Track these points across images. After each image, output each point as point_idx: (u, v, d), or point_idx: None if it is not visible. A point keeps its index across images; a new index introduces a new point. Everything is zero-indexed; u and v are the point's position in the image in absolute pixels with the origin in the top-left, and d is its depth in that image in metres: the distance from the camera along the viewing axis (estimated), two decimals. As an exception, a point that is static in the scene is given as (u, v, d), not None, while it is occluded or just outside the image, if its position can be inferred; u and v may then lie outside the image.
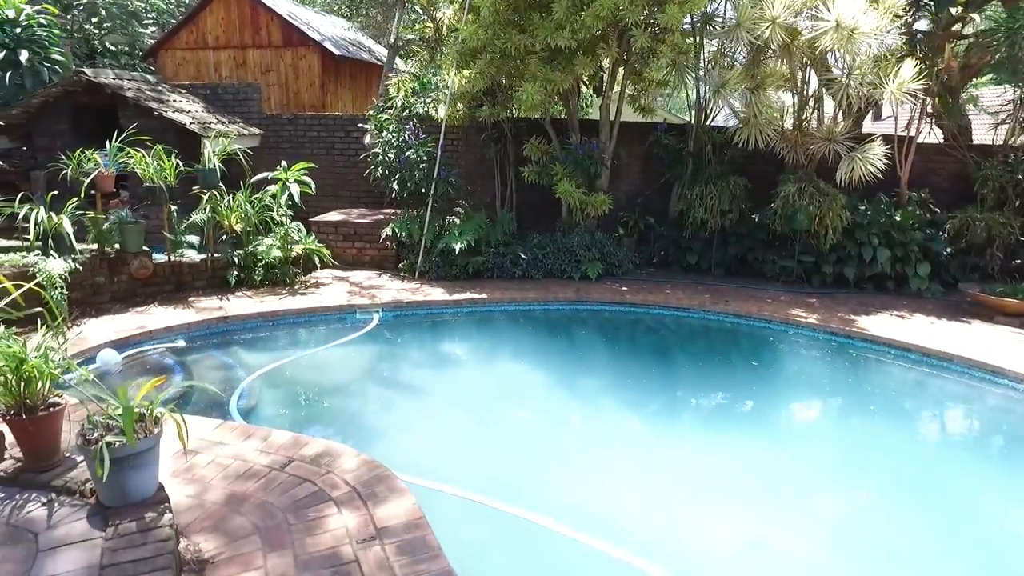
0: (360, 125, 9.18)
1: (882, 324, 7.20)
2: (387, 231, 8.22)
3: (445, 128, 7.98)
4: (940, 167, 9.30)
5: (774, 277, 8.85)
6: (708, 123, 8.90)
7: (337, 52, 12.48)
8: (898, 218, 8.57)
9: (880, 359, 6.65)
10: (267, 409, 5.24)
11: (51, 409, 3.19)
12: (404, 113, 8.30)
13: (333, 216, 9.04)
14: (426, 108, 8.30)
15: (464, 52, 7.62)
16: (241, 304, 7.02)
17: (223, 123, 9.02)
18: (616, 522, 3.88)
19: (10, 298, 3.49)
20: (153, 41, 14.06)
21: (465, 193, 8.60)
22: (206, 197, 7.26)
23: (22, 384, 3.10)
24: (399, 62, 12.69)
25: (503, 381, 6.21)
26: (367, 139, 9.43)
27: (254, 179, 7.52)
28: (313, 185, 7.65)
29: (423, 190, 8.21)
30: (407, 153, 8.01)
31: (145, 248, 7.06)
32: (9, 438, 3.29)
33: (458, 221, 8.41)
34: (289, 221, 7.81)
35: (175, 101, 8.88)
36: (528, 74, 7.52)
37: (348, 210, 9.53)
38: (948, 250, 8.59)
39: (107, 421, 2.98)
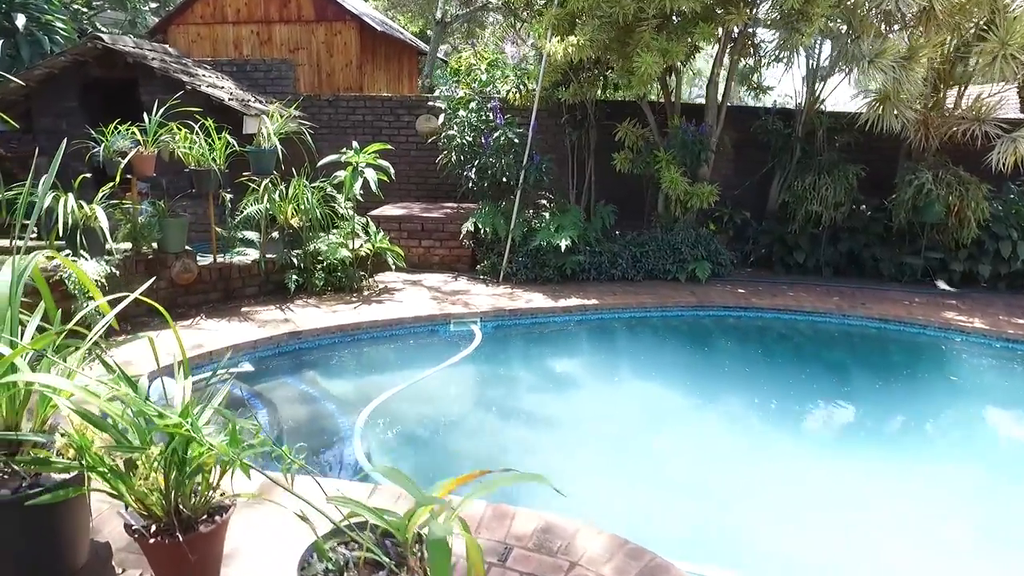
0: (432, 103, 7.85)
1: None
2: (468, 226, 6.95)
3: (533, 109, 6.77)
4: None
5: (892, 276, 7.87)
6: (819, 105, 7.91)
7: (378, 28, 11.09)
8: (1015, 206, 7.70)
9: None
10: (393, 458, 3.96)
11: (217, 518, 1.91)
12: (487, 89, 7.09)
13: (393, 210, 7.74)
14: (514, 85, 7.09)
15: (562, 17, 6.46)
16: (309, 315, 5.70)
17: (260, 102, 7.66)
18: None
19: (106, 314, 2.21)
20: (157, 19, 12.46)
21: (553, 184, 7.40)
22: (262, 185, 5.93)
23: (183, 480, 1.83)
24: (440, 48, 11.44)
25: (655, 405, 4.98)
26: (427, 123, 8.18)
27: (322, 162, 6.21)
28: (393, 171, 6.37)
29: (505, 179, 7.01)
30: (496, 135, 6.79)
31: (188, 247, 5.70)
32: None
33: (547, 215, 7.21)
34: (354, 215, 6.52)
35: (204, 76, 7.49)
36: (642, 43, 6.40)
37: (407, 204, 8.23)
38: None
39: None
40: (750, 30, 6.68)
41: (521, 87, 7.16)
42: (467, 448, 4.15)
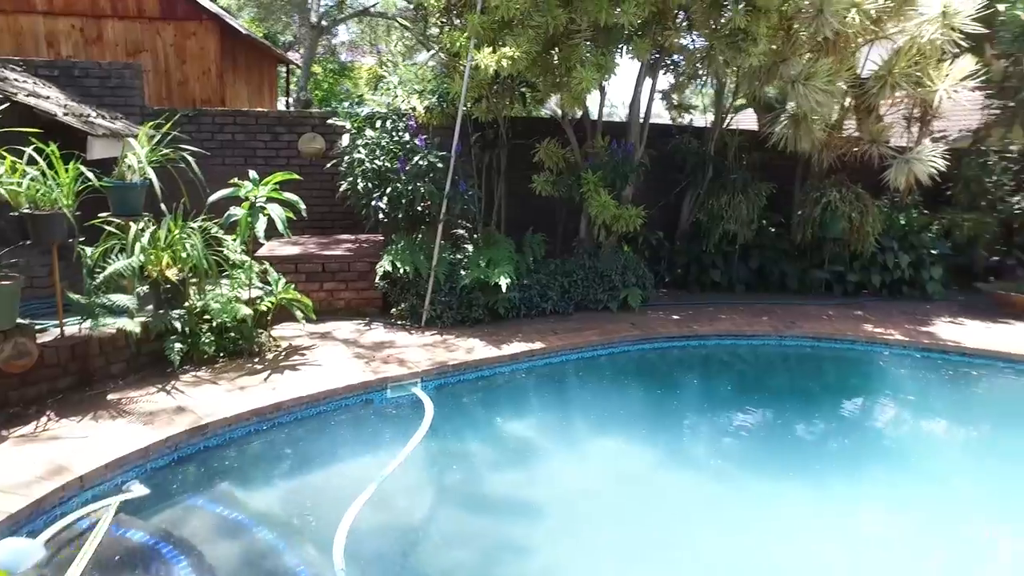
0: (333, 122, 6.59)
1: (957, 333, 6.70)
2: (384, 265, 5.92)
3: (456, 128, 5.92)
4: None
5: (798, 290, 8.09)
6: (728, 125, 7.89)
7: (242, 31, 9.31)
8: (903, 222, 8.29)
9: (999, 374, 6.09)
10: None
11: None
12: (401, 105, 6.09)
13: (284, 248, 6.44)
14: (433, 101, 6.15)
15: (488, 26, 5.70)
16: (209, 397, 4.40)
17: (104, 117, 5.96)
18: None
19: None
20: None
21: (477, 212, 6.56)
22: (131, 231, 4.50)
23: None
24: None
25: (650, 463, 4.41)
26: (312, 144, 6.99)
27: (212, 198, 4.88)
28: (303, 207, 5.18)
29: (421, 208, 6.09)
30: (415, 159, 5.84)
31: (21, 322, 4.16)
32: None
33: (470, 248, 6.40)
34: (252, 262, 5.25)
35: (17, 80, 5.64)
36: (576, 57, 5.83)
37: (296, 239, 6.91)
38: (947, 251, 8.49)
39: None
40: (679, 43, 6.37)
41: (443, 104, 6.27)
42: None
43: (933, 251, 8.14)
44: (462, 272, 6.09)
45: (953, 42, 6.45)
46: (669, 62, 6.82)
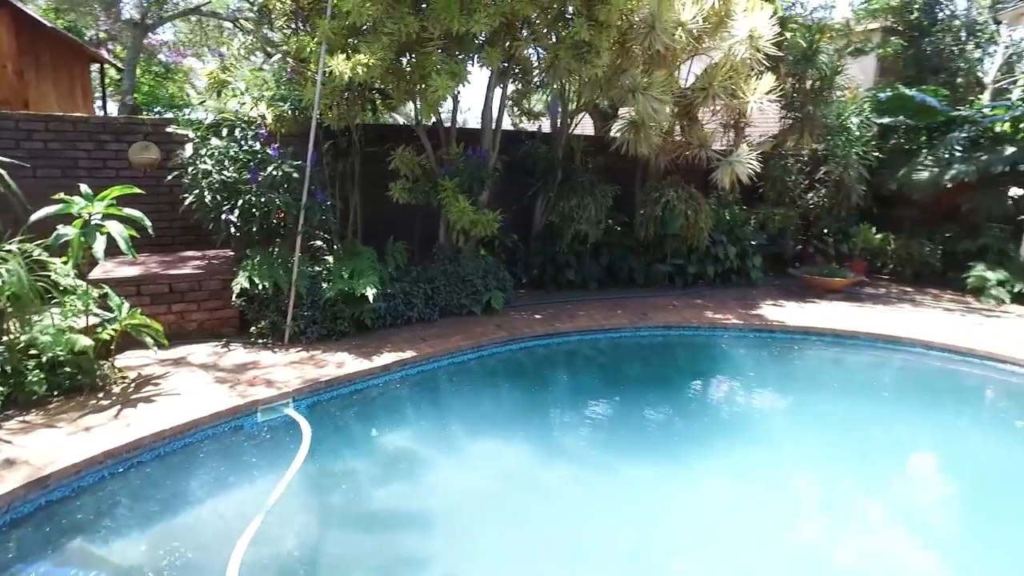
0: (172, 130, 5.94)
1: (779, 313, 7.63)
2: (241, 282, 5.54)
3: (311, 137, 5.68)
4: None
5: (644, 284, 8.74)
6: (572, 130, 8.32)
7: (47, 24, 7.99)
8: (728, 217, 9.28)
9: (814, 346, 7.01)
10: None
11: None
12: (251, 113, 5.69)
13: (121, 269, 5.79)
14: (286, 109, 5.83)
15: (339, 31, 5.55)
16: (47, 443, 3.88)
17: None
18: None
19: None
20: None
21: (336, 222, 6.33)
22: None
23: None
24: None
25: (536, 461, 4.55)
26: (144, 153, 6.36)
27: (36, 216, 4.26)
28: (148, 224, 4.69)
29: (276, 221, 5.80)
30: (269, 170, 5.51)
31: None
32: None
33: (331, 260, 6.19)
34: (88, 286, 4.69)
35: None
36: (431, 65, 5.86)
37: (131, 259, 6.22)
38: (764, 242, 9.62)
39: None
40: (527, 52, 6.62)
41: (296, 111, 5.98)
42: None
43: (753, 242, 9.18)
44: (324, 285, 5.89)
45: (759, 61, 7.32)
46: (517, 70, 7.07)
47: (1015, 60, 14.99)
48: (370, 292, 5.72)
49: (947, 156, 9.73)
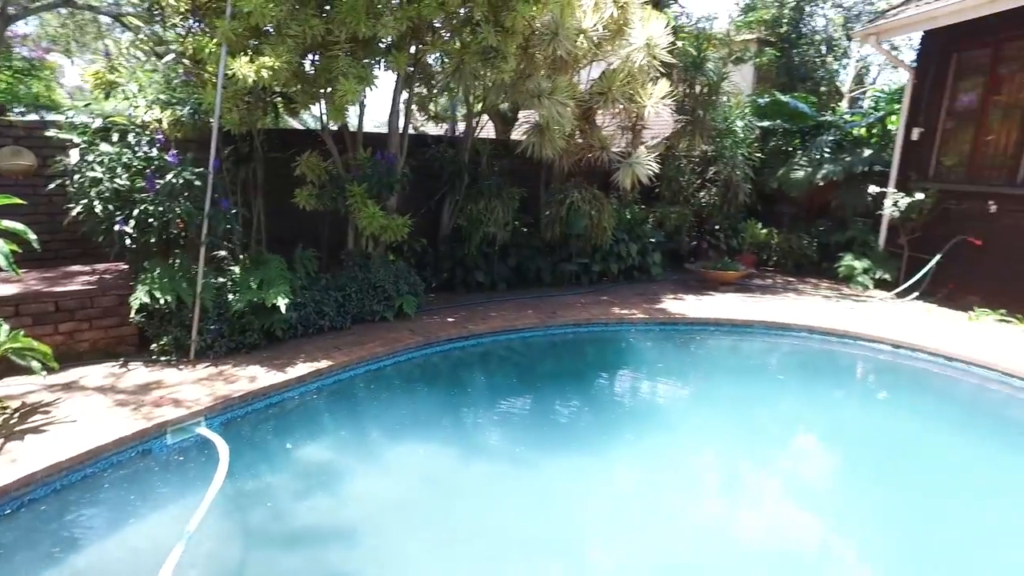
0: (54, 134, 5.37)
1: (680, 306, 8.07)
2: (140, 297, 5.19)
3: (212, 143, 5.39)
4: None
5: (552, 283, 8.96)
6: (477, 134, 8.39)
7: None
8: (629, 216, 9.69)
9: (713, 336, 7.48)
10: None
11: None
12: (145, 116, 5.31)
13: (-7, 289, 5.26)
14: (185, 113, 5.49)
15: (240, 32, 5.32)
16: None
17: None
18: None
19: None
20: None
21: (240, 231, 6.04)
22: None
23: None
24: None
25: (456, 464, 4.62)
26: (16, 159, 5.82)
27: None
28: (33, 237, 4.27)
29: (176, 231, 5.48)
30: (168, 177, 5.18)
31: None
32: None
33: (236, 270, 5.93)
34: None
35: None
36: (338, 69, 5.75)
37: (5, 275, 5.65)
38: (662, 239, 10.12)
39: None
40: (434, 56, 6.62)
41: (196, 116, 5.67)
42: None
43: (653, 240, 9.64)
44: (231, 296, 5.65)
45: (655, 68, 7.72)
46: (424, 74, 7.06)
47: (864, 73, 16.64)
48: (282, 302, 5.54)
49: (818, 157, 10.65)
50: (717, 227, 10.91)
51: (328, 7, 5.81)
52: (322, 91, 6.08)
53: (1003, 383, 5.99)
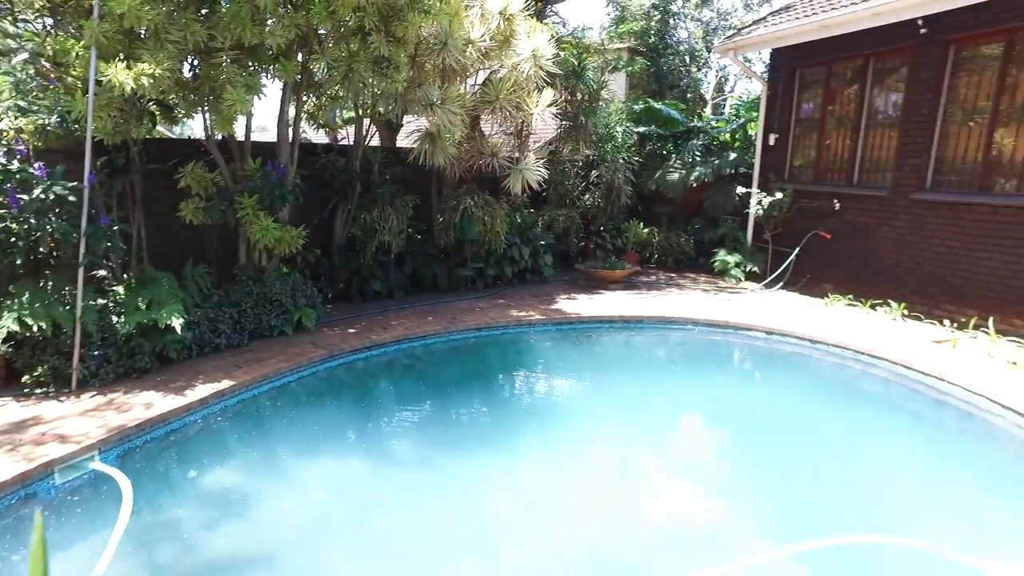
0: None
1: (574, 306, 8.42)
2: (8, 324, 4.70)
3: (87, 155, 4.98)
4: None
5: (448, 288, 9.04)
6: (368, 141, 8.29)
7: None
8: (520, 220, 9.97)
9: (607, 332, 7.88)
10: None
11: None
12: (1, 123, 4.77)
13: None
14: (51, 121, 4.99)
15: (112, 36, 4.96)
16: None
17: None
18: None
19: None
20: None
21: (123, 248, 5.59)
22: None
23: None
24: None
25: (375, 476, 4.61)
26: None
27: None
28: None
29: (45, 251, 5.02)
30: (36, 192, 4.71)
31: None
32: None
33: (120, 289, 5.52)
34: None
35: None
36: (223, 77, 5.51)
37: None
38: (552, 241, 10.49)
39: None
40: (323, 65, 6.48)
41: (66, 124, 5.19)
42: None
43: (543, 242, 9.97)
44: (116, 318, 5.27)
45: (541, 77, 8.02)
46: (312, 83, 6.91)
47: (724, 81, 18.10)
48: (178, 322, 5.25)
49: (690, 160, 11.48)
50: (602, 228, 11.45)
51: (210, 12, 5.57)
52: (207, 99, 5.81)
53: (856, 360, 6.80)
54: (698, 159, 11.44)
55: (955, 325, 7.61)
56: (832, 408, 6.07)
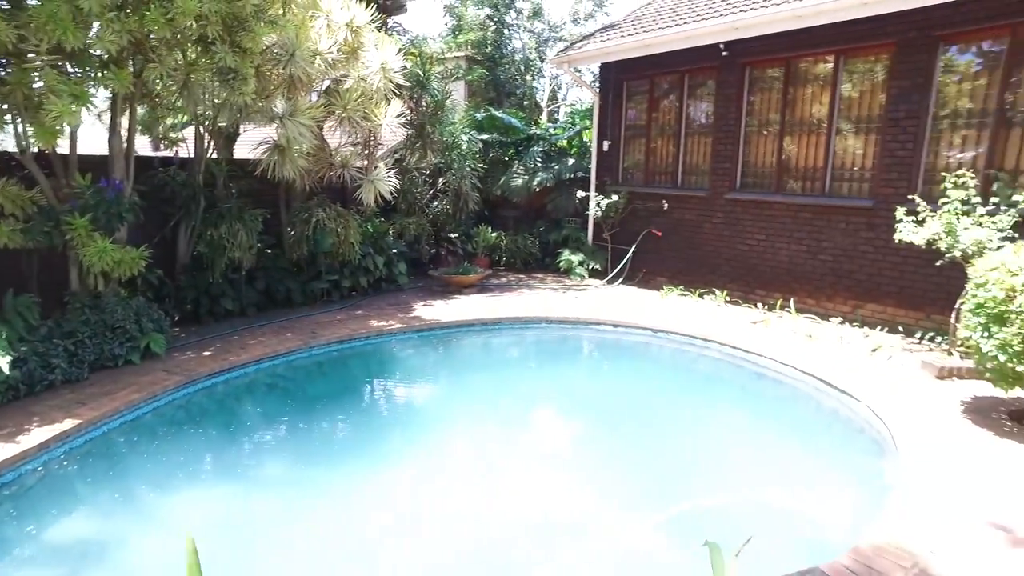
0: None
1: (432, 312, 8.60)
2: None
3: None
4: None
5: (303, 302, 8.81)
6: (211, 154, 7.83)
7: None
8: (372, 230, 9.96)
9: (467, 335, 8.17)
10: None
11: None
12: None
13: None
14: None
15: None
16: None
17: None
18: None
19: None
20: None
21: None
22: None
23: None
24: None
25: (247, 503, 4.48)
26: None
27: None
28: None
29: None
30: None
31: None
32: None
33: (-75, 328, 4.81)
34: None
35: None
36: (44, 84, 5.01)
37: None
38: (404, 249, 10.57)
39: None
40: (162, 74, 6.06)
41: None
42: None
43: (396, 251, 10.03)
44: (-75, 362, 4.63)
45: (390, 89, 8.10)
46: (148, 92, 6.45)
47: (557, 88, 19.19)
48: (3, 361, 4.71)
49: (532, 166, 12.10)
50: (453, 234, 11.73)
51: (13, 8, 5.04)
52: (22, 108, 5.25)
53: (692, 344, 7.67)
54: (539, 165, 12.10)
55: (767, 307, 8.83)
56: (675, 388, 6.83)
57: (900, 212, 6.76)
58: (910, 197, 7.20)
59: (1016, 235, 5.92)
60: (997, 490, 4.03)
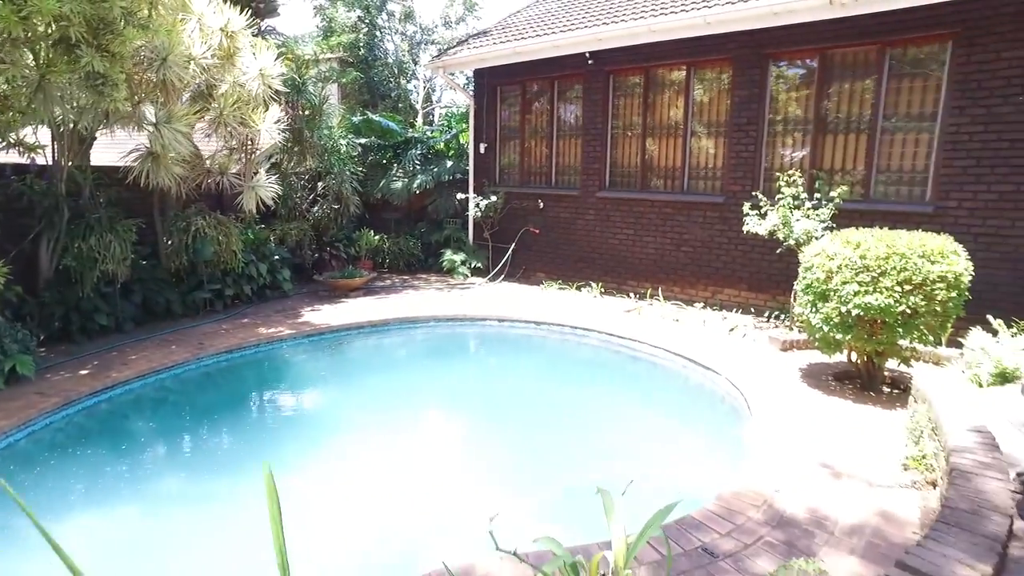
0: None
1: (321, 317, 8.66)
2: None
3: None
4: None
5: (185, 313, 8.52)
6: (74, 161, 7.37)
7: None
8: (252, 236, 9.78)
9: (358, 338, 8.33)
10: None
11: None
12: None
13: None
14: None
15: None
16: None
17: None
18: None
19: None
20: None
21: None
22: None
23: None
24: None
25: (156, 520, 4.46)
26: None
27: None
28: None
29: None
30: None
31: None
32: None
33: None
34: None
35: None
36: None
37: None
38: (287, 255, 10.45)
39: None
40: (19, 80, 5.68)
41: None
42: None
43: (278, 257, 9.91)
44: None
45: (268, 95, 8.03)
46: None
47: (432, 91, 19.43)
48: None
49: (411, 169, 12.32)
50: (335, 238, 11.70)
51: None
52: None
53: (573, 334, 8.29)
54: (418, 168, 12.34)
55: (638, 296, 9.67)
56: (560, 374, 7.41)
57: (746, 207, 7.75)
58: (754, 193, 8.22)
59: (834, 225, 7.00)
60: (823, 438, 4.88)
